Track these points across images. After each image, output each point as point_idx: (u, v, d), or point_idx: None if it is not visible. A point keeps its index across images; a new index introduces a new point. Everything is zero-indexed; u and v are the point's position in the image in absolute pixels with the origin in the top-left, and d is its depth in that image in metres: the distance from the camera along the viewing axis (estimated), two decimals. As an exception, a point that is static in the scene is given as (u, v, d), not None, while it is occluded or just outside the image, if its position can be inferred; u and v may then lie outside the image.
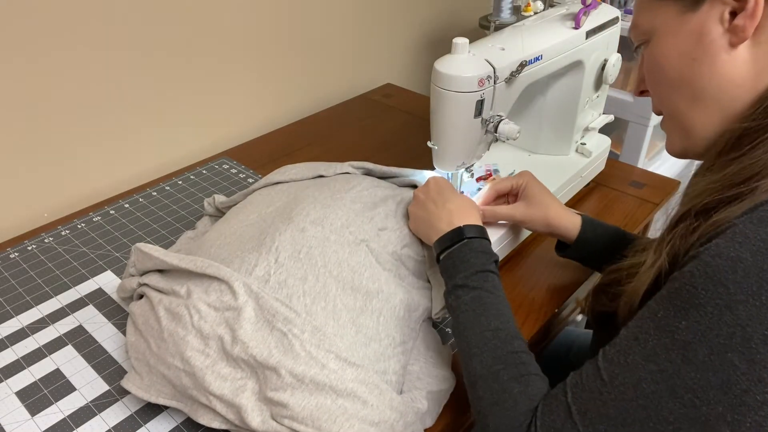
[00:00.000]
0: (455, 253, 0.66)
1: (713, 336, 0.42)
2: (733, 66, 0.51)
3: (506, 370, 0.56)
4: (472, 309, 0.62)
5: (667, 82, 0.56)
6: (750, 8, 0.48)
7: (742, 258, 0.41)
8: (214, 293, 0.64)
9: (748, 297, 0.41)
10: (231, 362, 0.60)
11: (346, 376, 0.58)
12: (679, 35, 0.53)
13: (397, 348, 0.65)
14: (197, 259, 0.66)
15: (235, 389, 0.59)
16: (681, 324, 0.44)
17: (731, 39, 0.50)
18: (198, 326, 0.62)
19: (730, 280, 0.41)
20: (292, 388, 0.57)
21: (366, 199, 0.77)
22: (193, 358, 0.60)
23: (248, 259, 0.67)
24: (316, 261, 0.67)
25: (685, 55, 0.53)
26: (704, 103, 0.54)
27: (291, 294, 0.64)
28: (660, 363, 0.45)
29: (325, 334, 0.61)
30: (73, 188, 1.02)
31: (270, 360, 0.58)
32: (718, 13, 0.50)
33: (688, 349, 0.43)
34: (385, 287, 0.68)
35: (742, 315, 0.41)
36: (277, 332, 0.60)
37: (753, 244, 0.41)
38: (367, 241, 0.71)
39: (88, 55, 0.95)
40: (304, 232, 0.70)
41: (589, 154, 1.02)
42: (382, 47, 1.50)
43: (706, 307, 0.42)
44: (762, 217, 0.42)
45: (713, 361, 0.42)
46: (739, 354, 0.41)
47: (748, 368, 0.41)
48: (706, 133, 0.55)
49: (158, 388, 0.63)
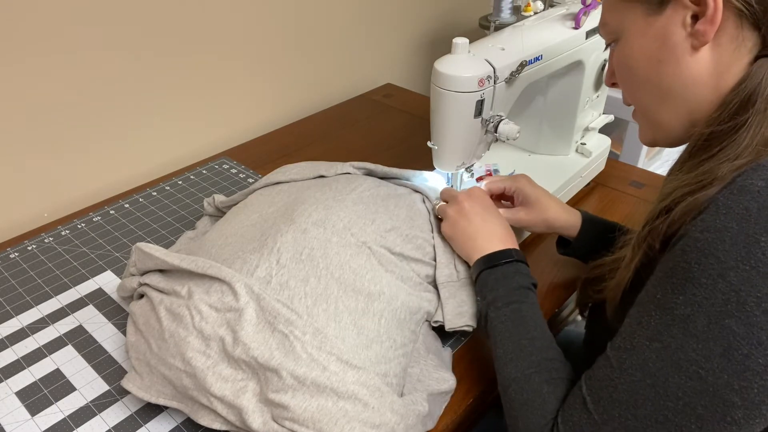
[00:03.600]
0: (499, 271, 0.69)
1: (709, 305, 0.44)
2: (697, 67, 0.53)
3: (539, 374, 0.59)
4: (511, 320, 0.64)
5: (635, 80, 0.59)
6: (709, 14, 0.49)
7: (728, 227, 0.43)
8: (216, 294, 0.63)
9: (738, 263, 0.42)
10: (232, 363, 0.60)
11: (348, 379, 0.58)
12: (645, 37, 0.55)
13: (398, 350, 0.65)
14: (198, 260, 0.66)
15: (236, 390, 0.59)
16: (678, 299, 0.46)
17: (693, 42, 0.52)
18: (199, 327, 0.62)
19: (719, 250, 0.43)
20: (293, 389, 0.57)
21: (368, 200, 0.77)
22: (194, 359, 0.60)
23: (250, 260, 0.67)
24: (317, 263, 0.67)
25: (652, 57, 0.55)
26: (671, 101, 0.56)
27: (292, 296, 0.64)
28: (663, 340, 0.46)
29: (326, 336, 0.60)
30: (73, 188, 1.02)
31: (271, 362, 0.58)
32: (681, 17, 0.52)
33: (688, 322, 0.45)
34: (386, 289, 0.68)
35: (734, 281, 0.42)
36: (278, 334, 0.60)
37: (737, 213, 0.43)
38: (369, 243, 0.71)
39: (87, 55, 0.95)
40: (306, 233, 0.70)
41: (589, 154, 1.02)
42: (382, 47, 1.50)
43: (700, 279, 0.44)
44: (741, 186, 0.44)
45: (712, 330, 0.43)
46: (737, 319, 0.42)
47: (746, 332, 0.42)
48: (674, 127, 0.58)
49: (158, 388, 0.63)
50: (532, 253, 0.89)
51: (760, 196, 0.43)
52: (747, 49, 0.50)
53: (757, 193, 0.43)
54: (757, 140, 0.47)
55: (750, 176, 0.44)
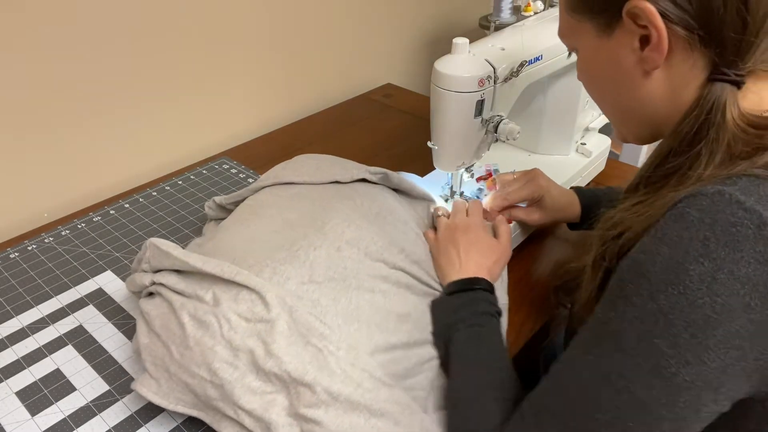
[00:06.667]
0: (466, 296, 0.70)
1: (639, 323, 0.45)
2: (652, 88, 0.53)
3: (486, 393, 0.60)
4: (470, 341, 0.65)
5: (596, 93, 0.61)
6: (654, 42, 0.49)
7: (660, 251, 0.44)
8: (245, 303, 0.61)
9: (667, 287, 0.43)
10: (261, 376, 0.58)
11: (380, 396, 0.57)
12: (598, 57, 0.55)
13: (425, 365, 0.65)
14: (224, 264, 0.63)
15: (265, 404, 0.57)
16: (611, 315, 0.47)
17: (644, 66, 0.51)
18: (228, 337, 0.60)
19: (651, 272, 0.44)
20: (326, 405, 0.56)
21: (394, 223, 0.77)
22: (221, 370, 0.58)
23: (280, 271, 0.65)
24: (350, 283, 0.66)
25: (607, 77, 0.56)
26: (631, 116, 0.58)
27: (324, 312, 0.63)
28: (594, 353, 0.48)
29: (359, 353, 0.60)
30: (73, 188, 1.02)
31: (306, 377, 0.57)
32: (629, 42, 0.51)
33: (619, 337, 0.46)
34: (413, 311, 0.68)
35: (663, 304, 0.43)
36: (311, 348, 0.59)
37: (670, 239, 0.44)
38: (400, 267, 0.71)
39: (87, 55, 0.95)
40: (340, 251, 0.68)
41: (589, 154, 1.02)
42: (382, 47, 1.50)
43: (632, 298, 0.45)
44: (678, 214, 0.45)
45: (641, 347, 0.45)
46: (665, 339, 0.43)
47: (674, 352, 0.43)
48: (639, 136, 0.60)
49: (178, 395, 0.61)
50: (533, 253, 0.89)
51: (693, 225, 0.43)
52: (700, 68, 0.49)
53: (692, 222, 0.44)
54: (709, 170, 0.48)
55: (688, 204, 0.45)
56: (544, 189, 0.82)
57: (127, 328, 0.76)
